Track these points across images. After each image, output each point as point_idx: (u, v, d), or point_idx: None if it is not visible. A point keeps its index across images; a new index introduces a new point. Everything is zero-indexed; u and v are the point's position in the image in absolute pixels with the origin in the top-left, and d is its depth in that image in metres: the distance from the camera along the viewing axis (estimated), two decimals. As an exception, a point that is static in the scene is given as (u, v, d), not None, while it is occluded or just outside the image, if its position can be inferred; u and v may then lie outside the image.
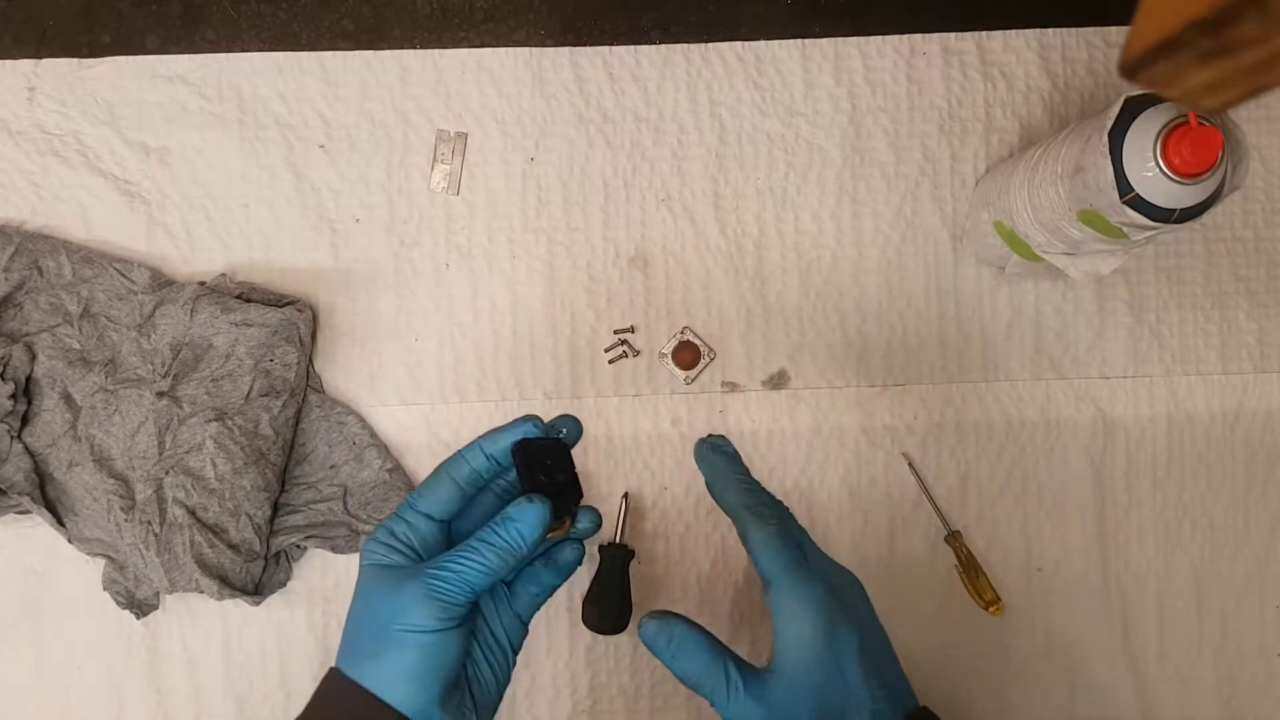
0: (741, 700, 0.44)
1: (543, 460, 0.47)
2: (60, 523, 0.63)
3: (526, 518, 0.44)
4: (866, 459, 0.67)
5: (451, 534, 0.48)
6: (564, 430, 0.50)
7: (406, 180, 0.67)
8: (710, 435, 0.54)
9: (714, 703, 0.45)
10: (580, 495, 0.49)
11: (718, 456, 0.52)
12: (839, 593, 0.46)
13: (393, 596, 0.43)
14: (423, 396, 0.67)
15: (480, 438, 0.47)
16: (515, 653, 0.49)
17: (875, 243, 0.68)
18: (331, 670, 0.45)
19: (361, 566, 0.46)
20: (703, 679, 0.45)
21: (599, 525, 0.50)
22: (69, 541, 0.64)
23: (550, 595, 0.50)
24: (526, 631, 0.50)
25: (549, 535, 0.46)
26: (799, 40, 0.68)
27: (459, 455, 0.47)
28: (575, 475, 0.49)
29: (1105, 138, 0.49)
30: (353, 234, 0.67)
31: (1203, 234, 0.69)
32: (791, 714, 0.44)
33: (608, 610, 0.63)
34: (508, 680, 0.49)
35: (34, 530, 0.65)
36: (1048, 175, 0.54)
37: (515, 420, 0.47)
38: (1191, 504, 0.68)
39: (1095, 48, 0.68)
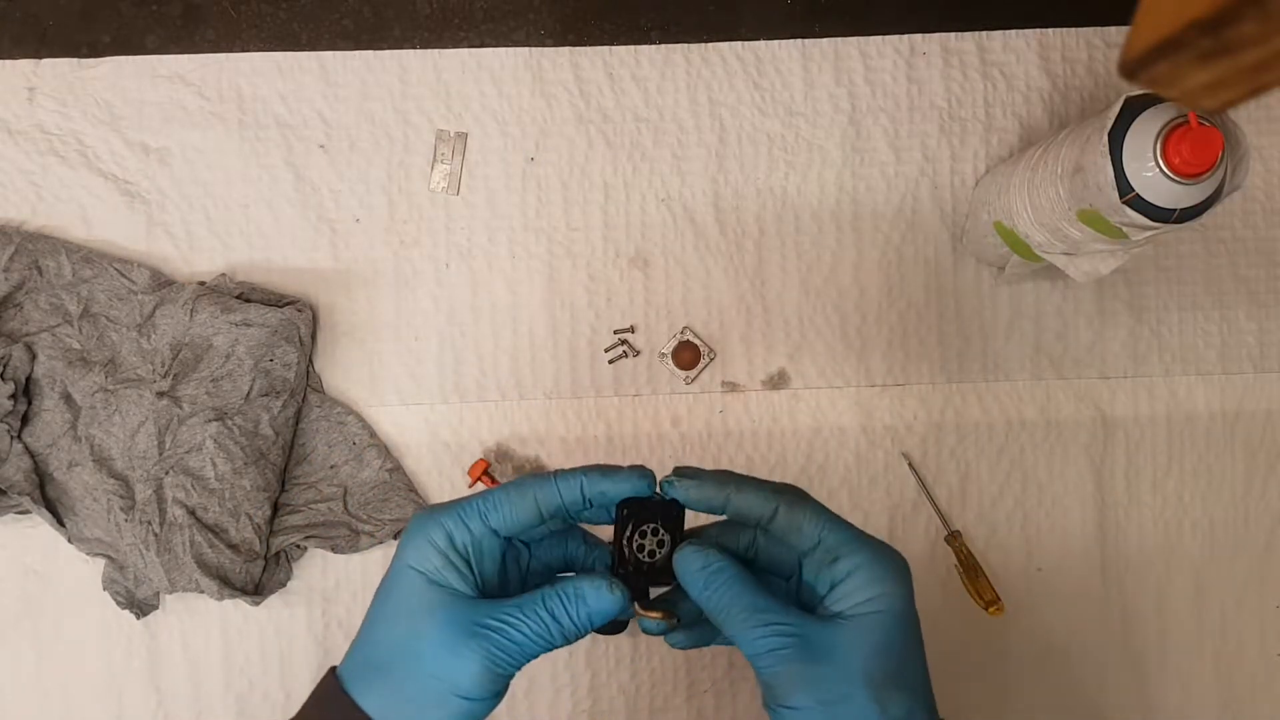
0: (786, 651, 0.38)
1: (647, 526, 0.42)
2: (60, 523, 0.63)
3: (598, 604, 0.40)
4: (866, 459, 0.67)
5: (514, 549, 0.44)
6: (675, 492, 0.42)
7: (406, 180, 0.67)
8: (674, 473, 0.43)
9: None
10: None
11: (697, 477, 0.42)
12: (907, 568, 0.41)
13: (444, 650, 0.38)
14: (423, 396, 0.67)
15: (584, 471, 0.41)
16: None
17: (875, 243, 0.68)
18: (332, 676, 0.40)
19: (405, 568, 0.40)
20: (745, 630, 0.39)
21: (675, 620, 0.42)
22: (69, 541, 0.64)
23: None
24: None
25: (642, 616, 0.42)
26: (799, 40, 0.68)
27: (551, 482, 0.41)
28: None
29: (1105, 138, 0.49)
30: (353, 234, 0.67)
31: (1203, 234, 0.68)
32: (837, 667, 0.38)
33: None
34: None
35: (34, 530, 0.65)
36: (1048, 175, 0.54)
37: (629, 469, 0.41)
38: (1191, 504, 0.68)
39: (1095, 48, 0.68)
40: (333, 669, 0.41)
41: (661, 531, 0.42)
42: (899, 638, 0.39)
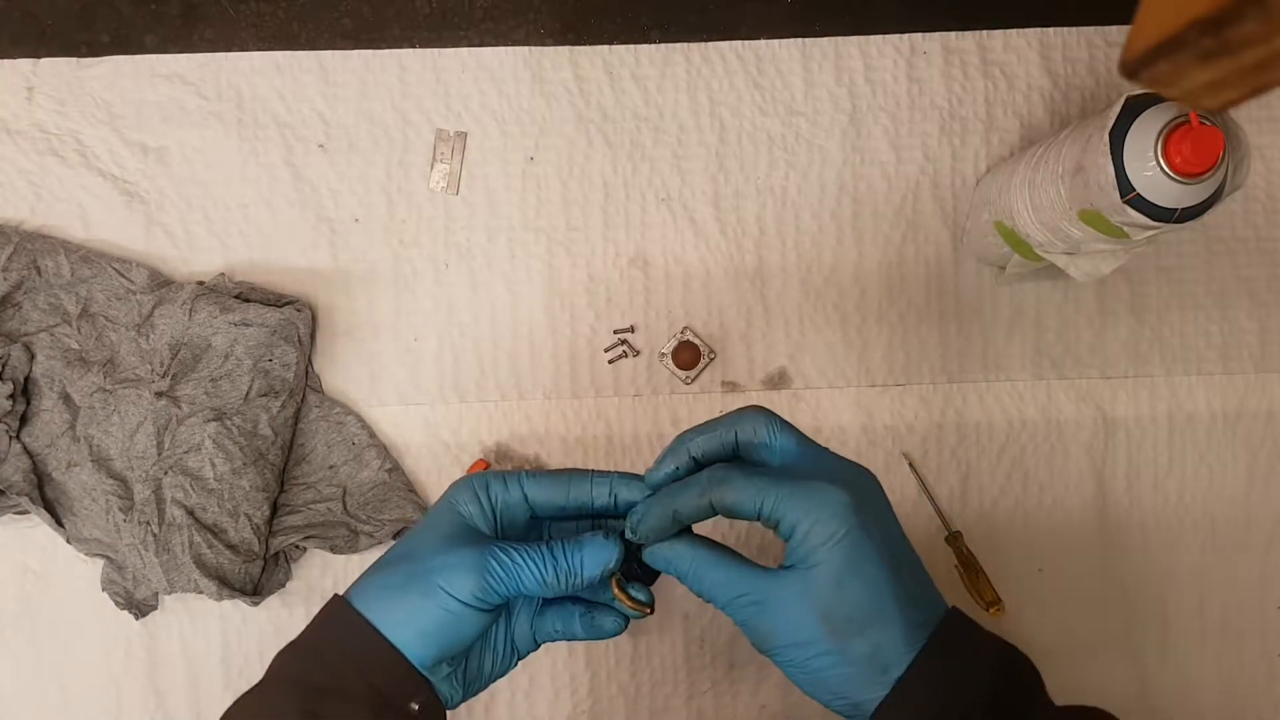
0: (745, 603, 0.43)
1: None
2: (59, 523, 0.63)
3: (593, 553, 0.44)
4: (867, 459, 0.67)
5: (538, 527, 0.49)
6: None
7: (406, 180, 0.67)
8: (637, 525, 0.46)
9: (717, 603, 0.44)
10: (654, 577, 0.48)
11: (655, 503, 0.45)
12: (858, 493, 0.43)
13: (448, 549, 0.43)
14: (422, 396, 0.67)
15: (618, 474, 0.46)
16: (519, 658, 0.50)
17: (875, 243, 0.68)
18: (336, 597, 0.45)
19: (445, 500, 0.46)
20: (718, 590, 0.43)
21: (648, 610, 0.47)
22: (67, 542, 0.64)
23: (569, 640, 0.49)
24: (537, 647, 0.50)
25: (616, 596, 0.46)
26: (799, 39, 0.68)
27: (588, 477, 0.46)
28: None
29: (1106, 137, 0.49)
30: (352, 234, 0.67)
31: (1204, 233, 0.68)
32: (796, 618, 0.41)
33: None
34: (502, 675, 0.49)
35: (33, 530, 0.65)
36: (1049, 175, 0.54)
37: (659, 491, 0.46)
38: (1192, 504, 0.68)
39: (1096, 47, 0.68)
40: (338, 595, 0.46)
41: None
42: (851, 576, 0.41)
